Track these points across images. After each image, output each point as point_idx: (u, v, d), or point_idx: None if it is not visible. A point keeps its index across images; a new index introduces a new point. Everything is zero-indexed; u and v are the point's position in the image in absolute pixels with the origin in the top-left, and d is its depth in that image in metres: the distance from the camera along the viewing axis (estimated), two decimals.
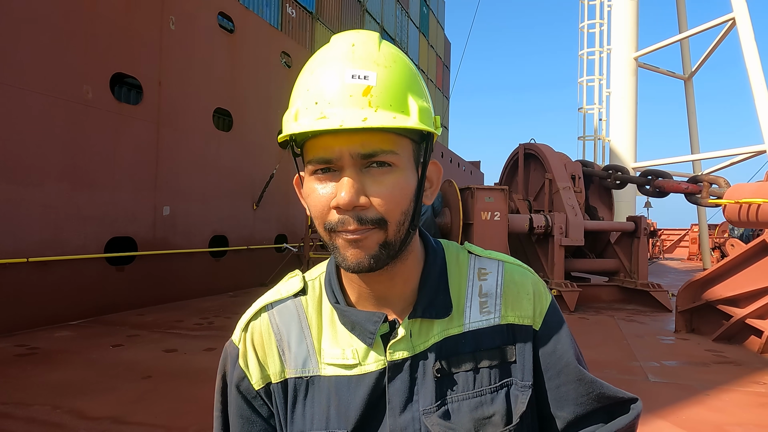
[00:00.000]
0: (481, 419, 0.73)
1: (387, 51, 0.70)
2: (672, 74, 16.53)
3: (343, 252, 0.68)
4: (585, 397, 0.78)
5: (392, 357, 0.74)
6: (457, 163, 31.25)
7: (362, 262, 0.68)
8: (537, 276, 0.84)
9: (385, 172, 0.67)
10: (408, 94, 0.68)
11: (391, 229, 0.68)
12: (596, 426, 0.79)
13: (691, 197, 8.94)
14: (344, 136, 0.65)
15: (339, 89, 0.65)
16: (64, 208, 6.77)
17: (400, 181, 0.68)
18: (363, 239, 0.67)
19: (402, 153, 0.69)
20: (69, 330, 6.31)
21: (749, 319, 5.85)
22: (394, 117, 0.65)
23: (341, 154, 0.66)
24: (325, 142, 0.67)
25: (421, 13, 24.77)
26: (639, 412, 0.79)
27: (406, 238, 0.71)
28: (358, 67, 0.66)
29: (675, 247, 28.31)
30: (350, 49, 0.68)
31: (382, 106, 0.65)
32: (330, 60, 0.68)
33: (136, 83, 8.21)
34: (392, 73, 0.68)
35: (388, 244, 0.68)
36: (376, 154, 0.66)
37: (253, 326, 0.80)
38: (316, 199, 0.69)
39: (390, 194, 0.67)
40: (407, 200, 0.69)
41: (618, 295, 9.23)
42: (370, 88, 0.65)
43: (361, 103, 0.65)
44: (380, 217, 0.67)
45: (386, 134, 0.67)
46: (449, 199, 8.52)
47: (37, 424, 3.42)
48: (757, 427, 3.60)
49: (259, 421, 0.79)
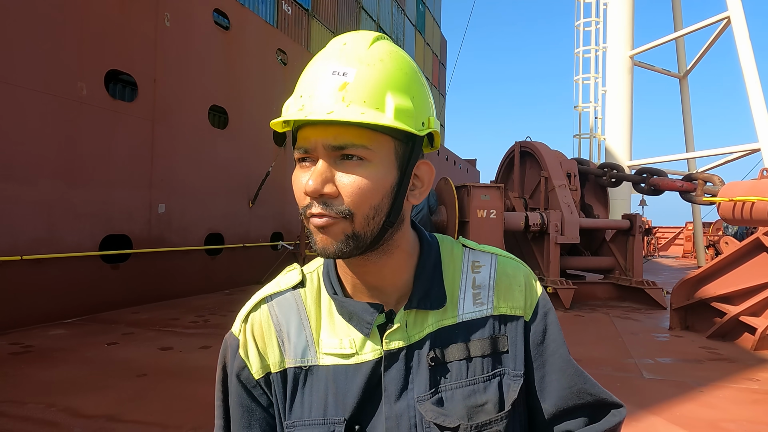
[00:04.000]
0: (473, 407, 0.75)
1: (378, 50, 0.71)
2: (667, 72, 16.57)
3: (314, 237, 0.72)
4: (567, 391, 0.80)
5: (388, 346, 0.76)
6: (453, 161, 31.28)
7: (328, 248, 0.70)
8: (529, 269, 0.86)
9: (356, 165, 0.69)
10: (387, 92, 0.69)
11: (358, 221, 0.70)
12: (579, 421, 0.80)
13: (686, 195, 8.98)
14: (320, 128, 0.68)
15: (320, 84, 0.69)
16: (58, 206, 6.73)
17: (371, 176, 0.69)
18: (328, 226, 0.69)
19: (377, 149, 0.70)
20: (64, 328, 6.28)
21: (743, 316, 5.89)
22: (362, 113, 0.67)
23: (315, 145, 0.69)
24: (305, 133, 0.70)
25: (417, 10, 24.73)
26: (620, 420, 0.80)
27: (382, 233, 0.72)
28: (341, 64, 0.69)
29: (670, 245, 28.44)
30: (340, 47, 0.71)
31: (355, 102, 0.67)
32: (322, 58, 0.72)
33: (131, 80, 8.17)
34: (374, 70, 0.69)
35: (356, 236, 0.70)
36: (346, 147, 0.68)
37: (253, 318, 0.82)
38: (296, 186, 0.73)
39: (357, 187, 0.69)
40: (378, 195, 0.70)
41: (613, 293, 9.28)
42: (346, 84, 0.68)
43: (336, 98, 0.67)
44: (346, 207, 0.69)
45: (360, 129, 0.68)
46: (445, 196, 8.53)
47: (31, 423, 3.41)
48: (750, 424, 3.62)
49: (259, 409, 0.80)
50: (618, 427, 0.80)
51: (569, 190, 9.46)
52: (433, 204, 8.54)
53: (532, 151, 10.22)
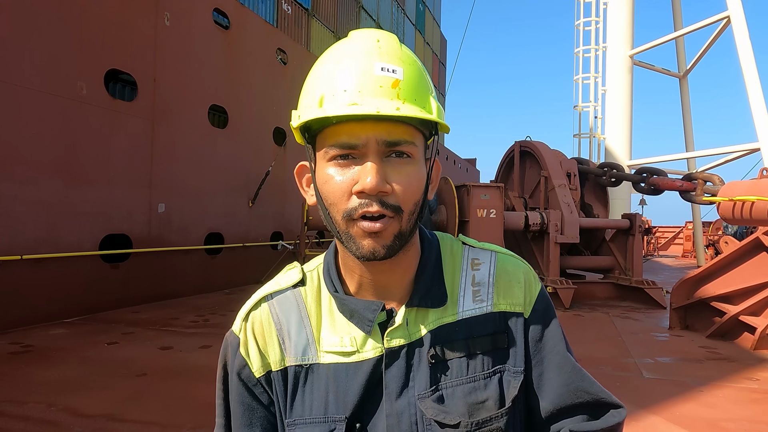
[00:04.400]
0: (474, 404, 0.75)
1: (406, 51, 0.74)
2: (667, 72, 16.56)
3: (359, 240, 0.70)
4: (564, 389, 0.79)
5: (389, 344, 0.76)
6: (453, 160, 31.29)
7: (378, 251, 0.70)
8: (528, 266, 0.86)
9: (405, 162, 0.71)
10: (427, 92, 0.73)
11: (404, 218, 0.71)
12: (576, 419, 0.79)
13: (686, 195, 8.98)
14: (371, 123, 0.68)
15: (370, 79, 0.68)
16: (58, 205, 6.73)
17: (416, 173, 0.72)
18: (383, 231, 0.69)
19: (419, 146, 0.73)
20: (64, 328, 6.28)
21: (742, 315, 5.89)
22: (420, 110, 0.69)
23: (367, 141, 0.68)
24: (351, 129, 0.69)
25: (417, 9, 24.71)
26: (620, 421, 0.79)
27: (414, 229, 0.74)
28: (386, 61, 0.70)
29: (669, 245, 28.43)
30: (376, 44, 0.71)
31: (408, 100, 0.69)
32: (357, 52, 0.71)
33: (131, 80, 8.16)
34: (413, 70, 0.72)
35: (402, 234, 0.71)
36: (399, 143, 0.70)
37: (253, 316, 0.82)
38: (335, 185, 0.70)
39: (409, 183, 0.70)
40: (420, 192, 0.73)
41: (613, 293, 9.27)
42: (399, 82, 0.69)
43: (391, 95, 0.68)
44: (398, 204, 0.70)
45: (408, 126, 0.71)
46: (445, 196, 8.53)
47: (32, 422, 3.41)
48: (750, 423, 3.63)
49: (260, 408, 0.81)
50: (618, 428, 0.79)
51: (569, 189, 9.47)
52: (433, 203, 8.54)
53: (532, 151, 10.22)
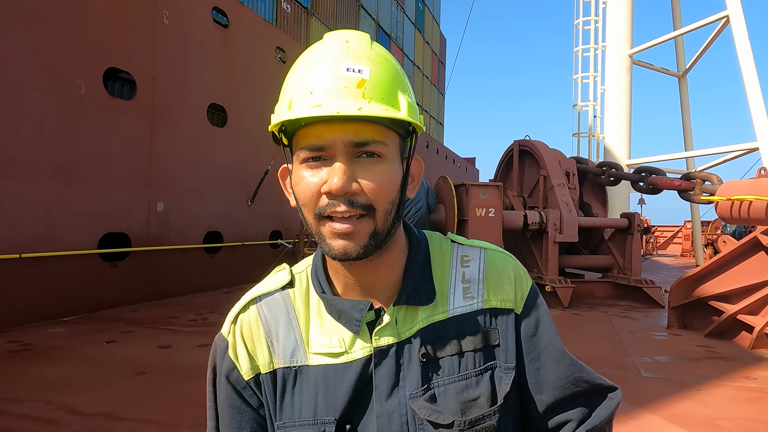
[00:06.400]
0: (466, 402, 0.75)
1: (377, 50, 0.74)
2: (666, 71, 16.57)
3: (329, 241, 0.70)
4: (563, 381, 0.79)
5: (378, 343, 0.75)
6: (452, 159, 31.28)
7: (350, 252, 0.70)
8: (518, 262, 0.86)
9: (376, 162, 0.70)
10: (397, 90, 0.72)
11: (379, 217, 0.71)
12: (576, 411, 0.80)
13: (684, 194, 8.98)
14: (338, 124, 0.68)
15: (334, 80, 0.68)
16: (57, 204, 6.73)
17: (388, 172, 0.71)
18: (355, 231, 0.69)
19: (391, 145, 0.72)
20: (62, 326, 6.28)
21: (740, 315, 5.91)
22: (386, 109, 0.69)
23: (334, 142, 0.68)
24: (318, 131, 0.69)
25: (416, 8, 24.70)
26: (618, 402, 0.81)
27: (391, 228, 0.73)
28: (352, 62, 0.69)
29: (668, 244, 28.47)
30: (344, 45, 0.72)
31: (374, 99, 0.69)
32: (325, 54, 0.71)
33: (130, 78, 8.16)
34: (383, 69, 0.71)
35: (377, 234, 0.71)
36: (367, 143, 0.69)
37: (242, 318, 0.82)
38: (305, 186, 0.71)
39: (379, 182, 0.70)
40: (395, 190, 0.72)
41: (611, 292, 9.28)
42: (364, 81, 0.69)
43: (356, 95, 0.68)
44: (369, 203, 0.69)
45: (377, 126, 0.70)
46: (444, 195, 8.54)
47: (30, 421, 3.41)
48: (747, 422, 3.64)
49: (249, 410, 0.80)
50: (616, 409, 0.81)
51: (568, 188, 9.47)
52: (432, 202, 8.55)
53: (531, 150, 10.22)
